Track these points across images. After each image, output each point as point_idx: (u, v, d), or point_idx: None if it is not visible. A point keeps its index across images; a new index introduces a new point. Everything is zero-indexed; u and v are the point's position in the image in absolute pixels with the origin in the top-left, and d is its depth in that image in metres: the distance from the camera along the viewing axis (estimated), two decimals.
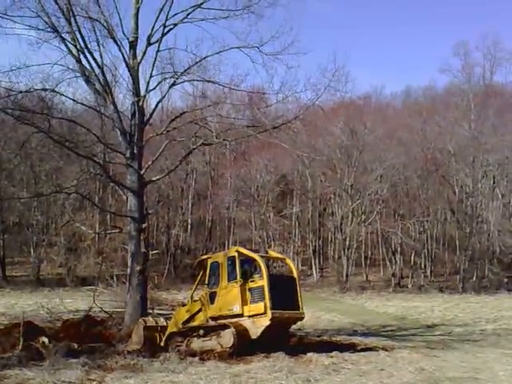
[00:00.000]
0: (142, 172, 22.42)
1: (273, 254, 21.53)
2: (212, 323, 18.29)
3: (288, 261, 20.17)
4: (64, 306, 26.55)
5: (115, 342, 17.69)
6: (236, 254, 18.22)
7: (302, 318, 18.45)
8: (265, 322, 17.04)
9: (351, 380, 13.64)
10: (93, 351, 16.57)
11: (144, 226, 22.36)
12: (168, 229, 60.57)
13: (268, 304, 16.99)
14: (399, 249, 59.17)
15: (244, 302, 17.54)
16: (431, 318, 32.81)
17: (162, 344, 19.12)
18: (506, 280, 54.23)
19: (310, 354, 16.81)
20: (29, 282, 48.06)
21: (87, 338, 18.27)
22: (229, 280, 18.05)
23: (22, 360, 15.09)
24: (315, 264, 59.93)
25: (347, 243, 56.34)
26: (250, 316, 17.38)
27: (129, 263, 22.32)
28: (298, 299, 18.05)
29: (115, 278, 31.48)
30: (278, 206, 63.57)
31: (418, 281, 57.60)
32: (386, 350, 19.02)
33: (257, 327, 17.17)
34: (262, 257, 18.19)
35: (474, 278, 55.40)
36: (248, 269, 18.26)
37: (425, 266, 60.35)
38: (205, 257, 20.76)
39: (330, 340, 22.23)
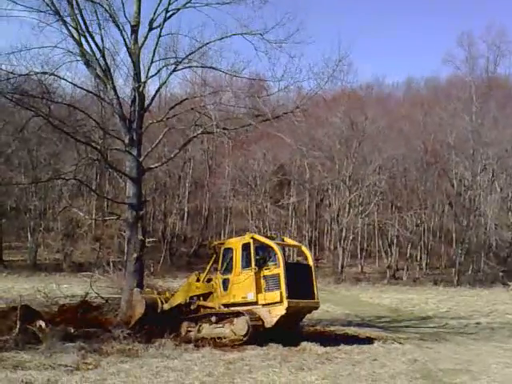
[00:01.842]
0: (140, 159, 22.38)
1: (288, 241, 21.37)
2: (225, 310, 18.20)
3: (304, 248, 20.01)
4: (60, 290, 26.52)
5: (111, 328, 17.72)
6: (251, 241, 18.03)
7: (317, 308, 18.37)
8: (280, 311, 16.92)
9: (344, 369, 13.78)
10: (89, 336, 16.65)
11: (141, 213, 22.36)
12: (164, 217, 60.64)
13: (284, 293, 16.84)
14: (395, 241, 59.39)
15: (258, 290, 17.40)
16: (425, 311, 32.95)
17: (166, 307, 19.02)
18: (501, 274, 54.35)
19: (303, 343, 16.95)
20: (25, 267, 48.11)
21: (83, 322, 18.27)
22: (243, 267, 17.94)
23: (19, 343, 15.19)
24: (311, 254, 59.94)
25: (343, 234, 56.52)
26: (264, 304, 17.25)
27: (126, 250, 22.34)
28: (314, 288, 17.98)
29: (111, 265, 31.44)
30: (275, 196, 63.58)
31: (413, 273, 57.86)
32: (380, 341, 19.14)
33: (272, 316, 17.05)
34: (277, 244, 18.06)
35: (470, 272, 55.66)
36: (262, 256, 18.13)
37: (420, 258, 60.60)
38: (217, 242, 20.63)
39: (324, 330, 22.33)
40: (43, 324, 17.11)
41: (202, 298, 19.43)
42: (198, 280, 19.59)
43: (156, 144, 24.76)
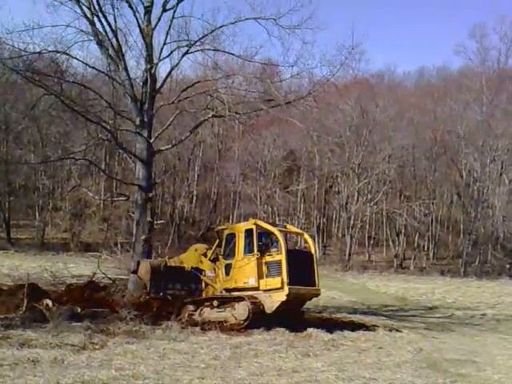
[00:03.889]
0: (151, 141, 22.34)
1: (291, 228, 21.31)
2: (226, 295, 18.30)
3: (306, 236, 20.01)
4: (68, 270, 26.66)
5: (118, 308, 17.80)
6: (254, 227, 18.07)
7: (318, 295, 18.43)
8: (281, 297, 17.02)
9: (350, 356, 13.75)
10: (96, 316, 16.68)
11: (151, 195, 22.37)
12: (173, 199, 60.67)
13: (285, 279, 16.93)
14: (403, 230, 59.30)
15: (260, 276, 17.49)
16: (431, 300, 32.97)
17: (170, 263, 19.52)
18: (508, 266, 54.38)
19: (309, 330, 16.89)
20: (33, 245, 48.30)
21: (90, 302, 18.34)
22: (245, 252, 18.00)
23: (26, 321, 15.22)
24: (318, 241, 60.06)
25: (351, 222, 56.45)
26: (265, 290, 17.36)
27: (134, 231, 22.35)
28: (315, 275, 18.02)
29: (119, 246, 31.63)
30: (284, 182, 63.52)
31: (420, 263, 57.86)
32: (386, 330, 19.13)
33: (272, 302, 17.14)
34: (280, 231, 18.10)
35: (477, 263, 55.57)
36: (265, 242, 18.18)
37: (428, 248, 60.57)
38: (221, 227, 20.59)
39: (330, 317, 22.31)
40: (50, 303, 17.17)
41: (203, 273, 19.63)
42: (205, 254, 19.71)
43: (167, 126, 24.71)
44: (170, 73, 24.93)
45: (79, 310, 16.93)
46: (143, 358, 12.03)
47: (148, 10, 22.00)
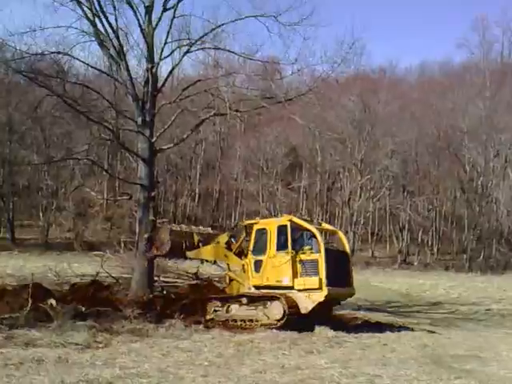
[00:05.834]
0: (153, 140, 22.36)
1: (325, 226, 20.65)
2: (256, 292, 17.69)
3: (341, 234, 19.51)
4: (71, 269, 26.68)
5: (122, 307, 17.82)
6: (288, 224, 17.46)
7: (352, 295, 18.19)
8: (319, 297, 16.49)
9: (354, 353, 13.72)
10: (100, 315, 16.70)
11: (153, 193, 22.38)
12: (175, 198, 60.80)
13: (324, 280, 16.40)
14: (407, 226, 59.22)
15: (295, 275, 16.91)
16: (436, 296, 32.95)
17: (188, 256, 19.41)
18: None
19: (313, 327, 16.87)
20: (37, 246, 48.41)
21: (94, 301, 18.35)
22: (278, 249, 17.38)
23: (30, 321, 15.21)
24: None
25: (354, 218, 56.45)
26: (300, 290, 16.77)
27: (137, 230, 22.40)
28: (351, 276, 17.75)
29: (122, 245, 31.61)
30: (286, 179, 63.51)
31: (424, 258, 57.76)
32: (390, 326, 19.12)
33: (309, 302, 16.59)
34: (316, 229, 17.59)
35: (481, 258, 55.46)
36: (298, 240, 17.67)
37: (432, 243, 60.46)
38: (251, 221, 19.67)
39: (334, 314, 22.27)
40: (54, 302, 17.19)
41: (229, 268, 19.36)
42: (229, 247, 19.16)
43: (169, 125, 24.68)
44: (171, 72, 24.94)
45: (83, 309, 16.97)
46: (147, 357, 12.05)
47: (149, 10, 22.01)
